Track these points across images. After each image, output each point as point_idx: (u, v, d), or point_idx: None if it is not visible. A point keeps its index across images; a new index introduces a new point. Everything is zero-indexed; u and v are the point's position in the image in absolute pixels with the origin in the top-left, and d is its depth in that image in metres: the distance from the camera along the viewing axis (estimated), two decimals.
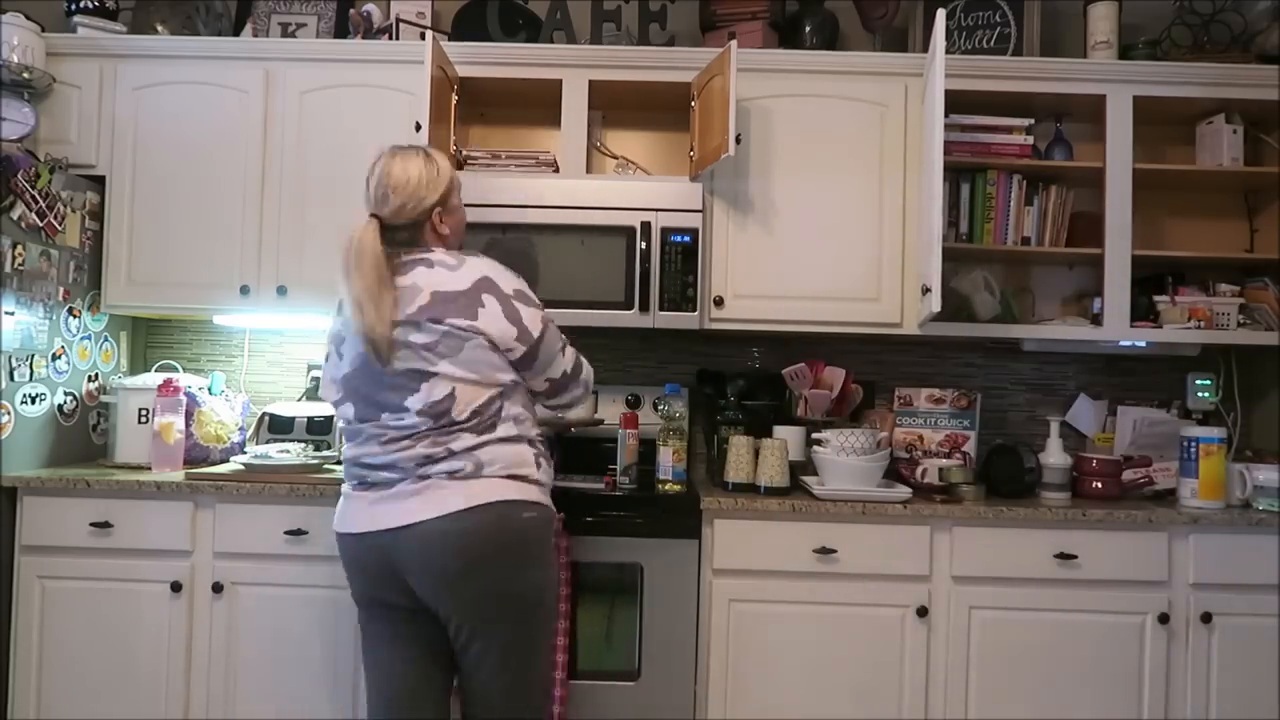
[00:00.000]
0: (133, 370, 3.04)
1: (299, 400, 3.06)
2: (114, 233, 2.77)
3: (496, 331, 1.84)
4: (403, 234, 1.92)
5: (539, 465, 1.89)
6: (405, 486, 1.80)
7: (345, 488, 1.91)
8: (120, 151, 2.77)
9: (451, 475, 1.79)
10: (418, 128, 2.50)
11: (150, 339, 3.15)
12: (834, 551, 2.42)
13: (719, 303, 2.71)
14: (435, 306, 1.82)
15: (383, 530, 1.80)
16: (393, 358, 1.81)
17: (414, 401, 1.80)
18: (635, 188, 2.66)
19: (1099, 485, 2.61)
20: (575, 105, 2.75)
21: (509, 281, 1.91)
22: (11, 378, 2.49)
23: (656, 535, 2.41)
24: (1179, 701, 2.41)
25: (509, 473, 1.83)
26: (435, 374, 1.80)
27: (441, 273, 1.86)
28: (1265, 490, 2.52)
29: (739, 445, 2.58)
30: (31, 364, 2.56)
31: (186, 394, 2.72)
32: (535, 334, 1.90)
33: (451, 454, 1.80)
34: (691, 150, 2.75)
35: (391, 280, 1.85)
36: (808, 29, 2.90)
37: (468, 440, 1.81)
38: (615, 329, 2.68)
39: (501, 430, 1.84)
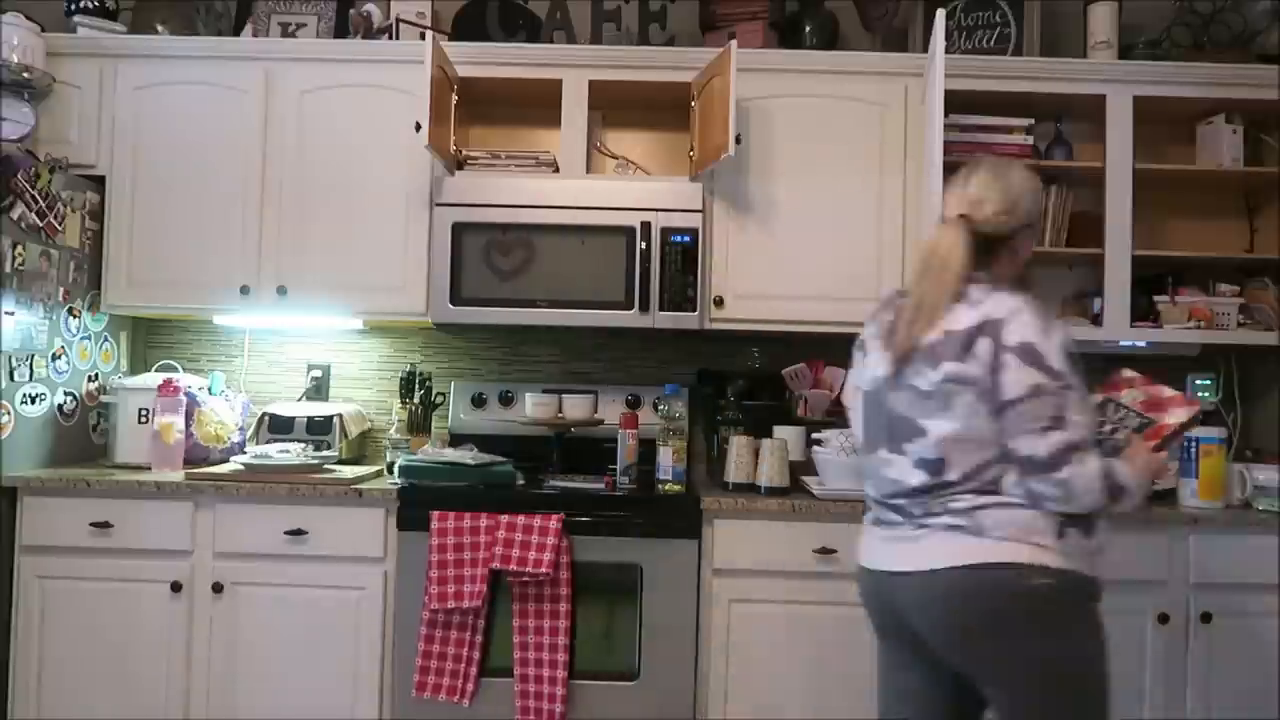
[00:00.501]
0: (133, 370, 3.04)
1: (299, 400, 3.07)
2: (114, 233, 2.77)
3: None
4: (994, 249, 1.70)
5: (1061, 535, 1.59)
6: (906, 530, 1.66)
7: (867, 517, 1.80)
8: (120, 151, 2.77)
9: (950, 527, 1.61)
10: (418, 128, 2.50)
11: (150, 339, 3.15)
12: (834, 551, 2.42)
13: (719, 303, 2.71)
14: (948, 347, 1.61)
15: (886, 572, 1.69)
16: (896, 389, 1.66)
17: (919, 450, 1.63)
18: (635, 188, 2.66)
19: None
20: (575, 105, 2.75)
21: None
22: (11, 378, 2.49)
23: (656, 535, 2.41)
24: (1180, 701, 2.41)
25: (1019, 538, 1.58)
26: (928, 432, 1.62)
27: (982, 307, 1.62)
28: (1265, 490, 2.52)
29: (739, 445, 2.58)
30: (31, 364, 2.56)
31: (186, 394, 2.72)
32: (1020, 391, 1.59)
33: (951, 511, 1.61)
34: (691, 150, 2.75)
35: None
36: (808, 29, 2.90)
37: (978, 500, 1.60)
38: (615, 329, 2.68)
39: (1005, 494, 1.61)
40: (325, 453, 2.75)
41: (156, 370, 2.90)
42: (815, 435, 2.58)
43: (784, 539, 2.43)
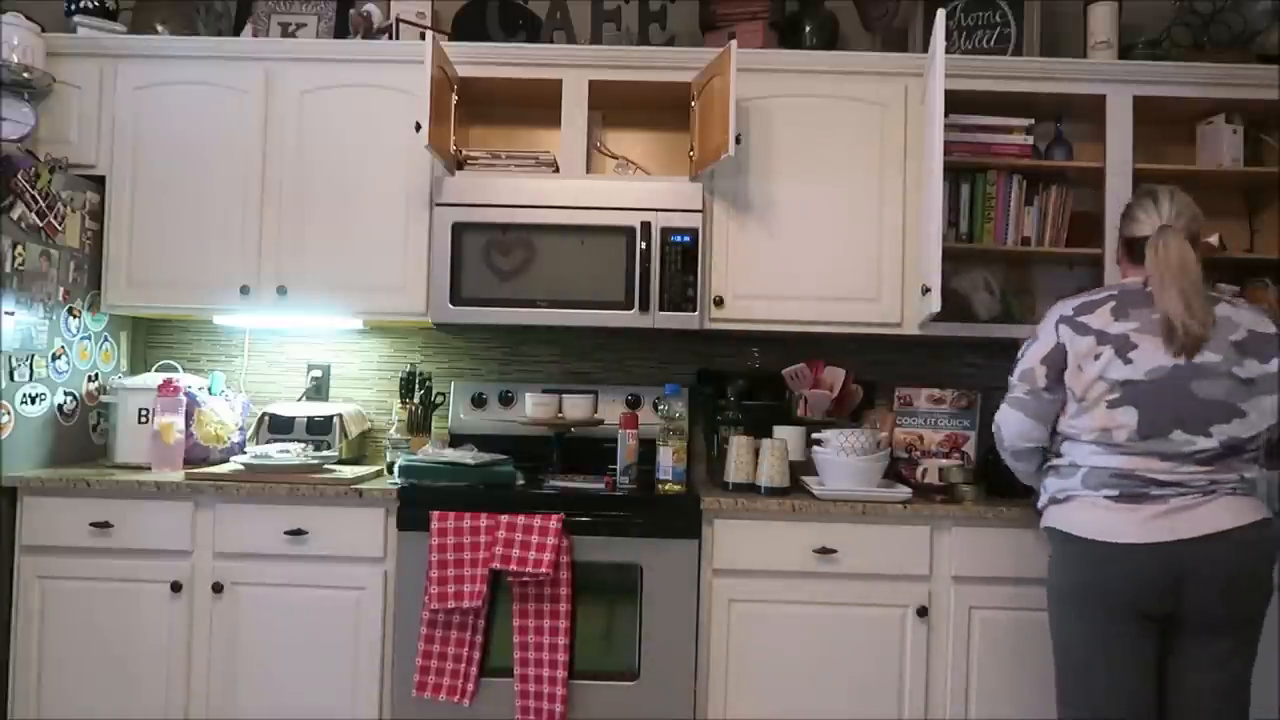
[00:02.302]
0: (133, 370, 3.04)
1: (299, 400, 3.07)
2: (114, 233, 2.77)
3: None
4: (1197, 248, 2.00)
5: None
6: (1189, 500, 1.90)
7: (1089, 497, 1.98)
8: (120, 151, 2.77)
9: (1234, 491, 1.92)
10: (418, 128, 2.50)
11: (150, 339, 3.15)
12: (834, 551, 2.42)
13: (719, 303, 2.71)
14: (1256, 345, 1.93)
15: (1168, 542, 1.89)
16: (1200, 378, 1.91)
17: (1223, 432, 1.90)
18: (635, 188, 2.66)
19: None
20: (575, 105, 2.75)
21: None
22: (11, 378, 2.49)
23: (656, 535, 2.41)
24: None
25: (1255, 495, 1.96)
26: (1247, 414, 1.91)
27: (1245, 312, 1.98)
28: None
29: (739, 445, 2.58)
30: (31, 364, 2.56)
31: (186, 394, 2.72)
32: None
33: (1242, 479, 1.93)
34: (691, 150, 2.75)
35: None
36: (808, 29, 2.90)
37: (1253, 470, 1.95)
38: (615, 329, 2.68)
39: (1258, 466, 1.98)
40: (325, 453, 2.75)
41: (156, 370, 2.90)
42: (815, 435, 2.58)
43: (784, 539, 2.43)
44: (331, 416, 2.87)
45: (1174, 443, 1.91)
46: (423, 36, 2.83)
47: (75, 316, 2.73)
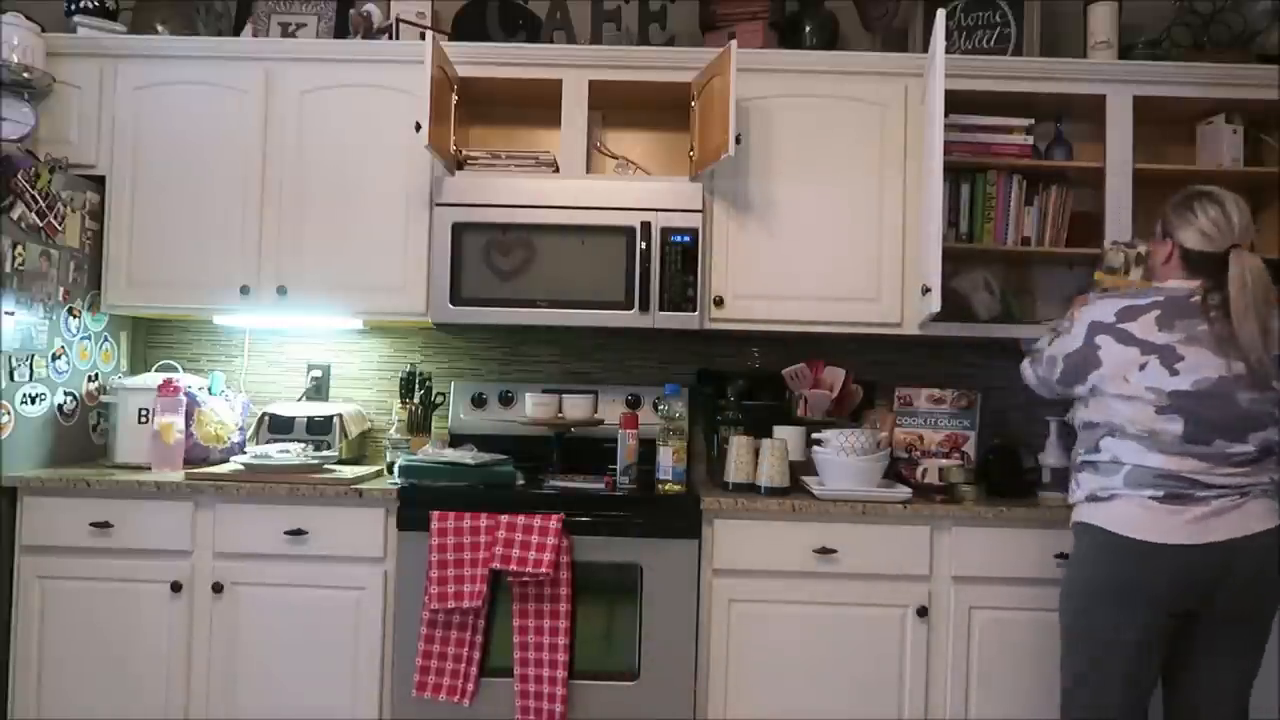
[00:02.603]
0: (133, 370, 3.05)
1: (299, 400, 3.07)
2: (114, 233, 2.77)
3: None
4: None
5: None
6: (1228, 502, 1.94)
7: (1133, 497, 1.99)
8: (120, 151, 2.77)
9: (1265, 493, 1.96)
10: (418, 128, 2.50)
11: (150, 339, 3.15)
12: (834, 551, 2.42)
13: (719, 303, 2.71)
14: None
15: (1213, 543, 1.92)
16: (1243, 389, 1.94)
17: (1259, 438, 1.95)
18: (635, 188, 2.66)
19: None
20: (575, 105, 2.75)
21: None
22: (11, 378, 2.49)
23: (656, 535, 2.41)
24: None
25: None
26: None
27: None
28: None
29: (739, 445, 2.58)
30: (31, 364, 2.56)
31: (186, 394, 2.72)
32: None
33: (1271, 481, 1.98)
34: (691, 150, 2.75)
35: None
36: (808, 29, 2.90)
37: (1276, 472, 1.99)
38: (615, 329, 2.68)
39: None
40: (325, 453, 2.75)
41: (156, 370, 2.90)
42: (815, 435, 2.58)
43: (784, 539, 2.43)
44: (331, 416, 2.87)
45: (1216, 447, 1.95)
46: (423, 36, 2.83)
47: (75, 316, 2.73)
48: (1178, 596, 1.96)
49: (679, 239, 2.63)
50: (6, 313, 2.45)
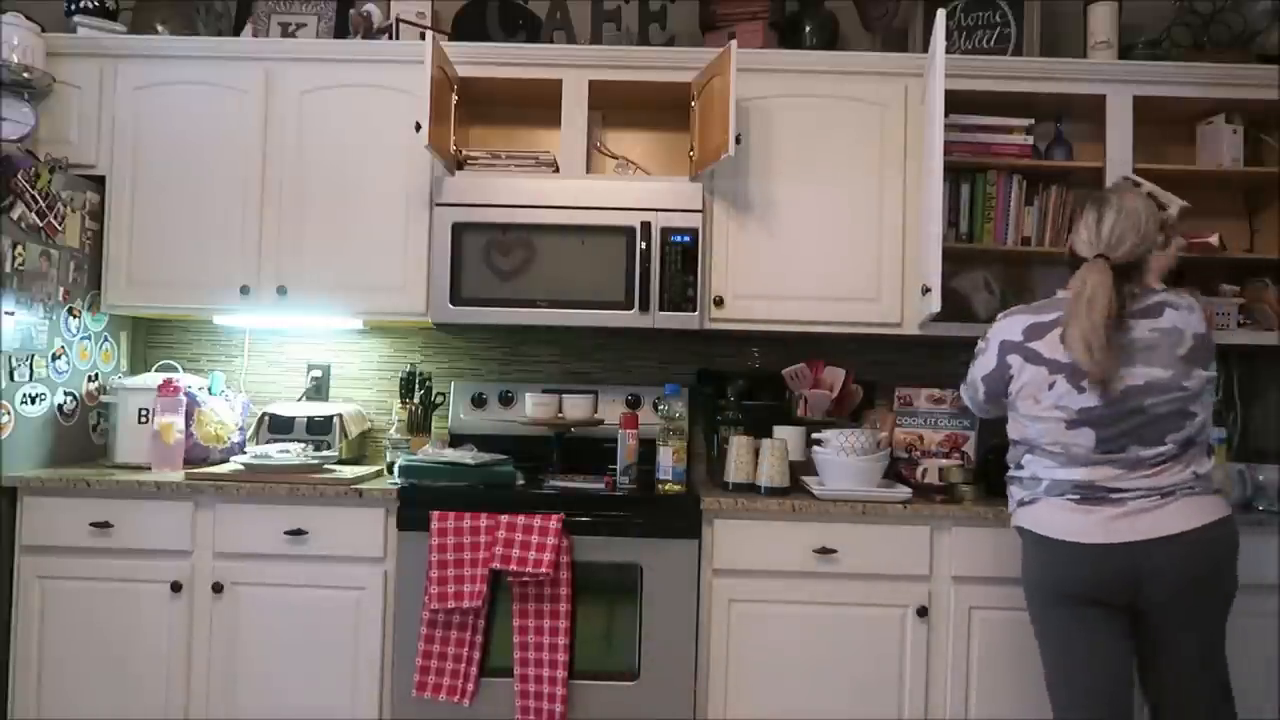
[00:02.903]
0: (133, 370, 3.04)
1: (299, 400, 3.07)
2: (114, 233, 2.77)
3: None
4: (1132, 274, 2.02)
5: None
6: (1146, 503, 1.95)
7: (1054, 499, 2.02)
8: (120, 151, 2.77)
9: (1192, 490, 1.96)
10: (418, 128, 2.50)
11: (150, 339, 3.15)
12: (834, 551, 2.42)
13: (719, 303, 2.71)
14: (1200, 354, 1.97)
15: (1135, 541, 1.93)
16: (1152, 395, 1.93)
17: (1175, 438, 1.95)
18: (635, 188, 2.66)
19: None
20: (575, 105, 2.75)
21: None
22: (11, 378, 2.49)
23: (656, 535, 2.41)
24: None
25: (1216, 492, 2.00)
26: (1197, 415, 1.96)
27: (1187, 314, 1.99)
28: (1265, 490, 2.51)
29: (739, 445, 2.58)
30: (31, 364, 2.56)
31: (186, 394, 2.72)
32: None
33: (1196, 477, 1.97)
34: (691, 150, 2.75)
35: (1123, 324, 1.96)
36: (808, 29, 2.90)
37: (1206, 465, 1.99)
38: (615, 329, 2.68)
39: (1209, 457, 2.02)
40: (325, 453, 2.75)
41: (156, 370, 2.90)
42: (815, 435, 2.58)
43: (784, 539, 2.43)
44: (331, 416, 2.87)
45: (1130, 454, 1.96)
46: (423, 36, 2.83)
47: (75, 316, 2.73)
48: (1098, 591, 1.97)
49: (679, 239, 2.63)
50: (6, 313, 2.45)
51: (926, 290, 2.51)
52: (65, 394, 2.70)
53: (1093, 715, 1.99)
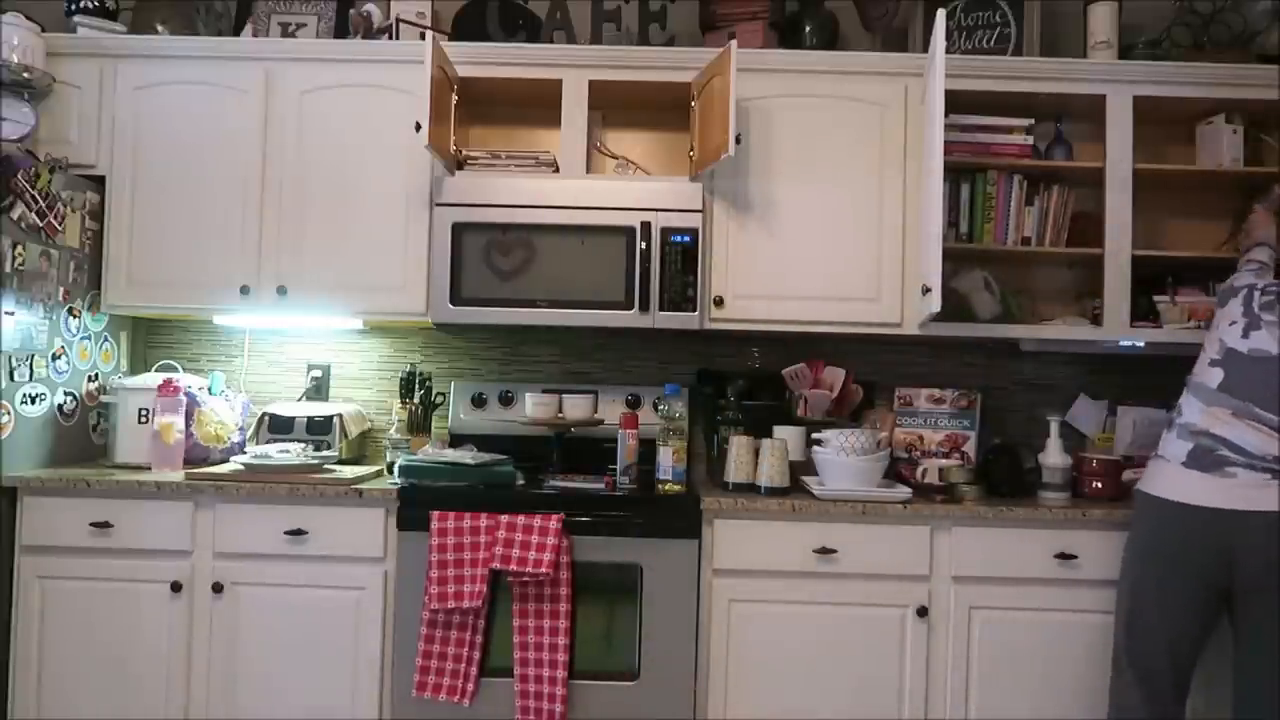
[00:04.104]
0: (133, 370, 3.04)
1: (299, 400, 3.07)
2: (114, 233, 2.77)
3: None
4: None
5: None
6: (1257, 477, 2.11)
7: (1178, 457, 2.21)
8: (120, 151, 2.77)
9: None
10: (418, 128, 2.50)
11: (150, 339, 3.15)
12: (834, 551, 2.42)
13: (719, 303, 2.71)
14: None
15: (1236, 511, 2.10)
16: None
17: None
18: (635, 188, 2.66)
19: (1099, 485, 2.61)
20: (575, 105, 2.75)
21: None
22: (11, 378, 2.49)
23: (656, 535, 2.41)
24: None
25: None
26: None
27: None
28: None
29: (739, 445, 2.58)
30: (31, 364, 2.56)
31: (186, 394, 2.72)
32: None
33: None
34: (691, 150, 2.75)
35: None
36: (808, 29, 2.90)
37: None
38: (615, 329, 2.68)
39: None
40: (325, 453, 2.75)
41: (156, 370, 2.90)
42: (815, 435, 2.58)
43: (784, 539, 2.43)
44: (331, 416, 2.87)
45: (1259, 417, 2.12)
46: (423, 36, 2.83)
47: (75, 316, 2.73)
48: (1197, 555, 2.13)
49: (679, 239, 2.63)
50: (6, 313, 2.45)
51: (926, 290, 2.51)
52: (65, 394, 2.70)
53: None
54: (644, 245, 2.63)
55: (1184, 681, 2.21)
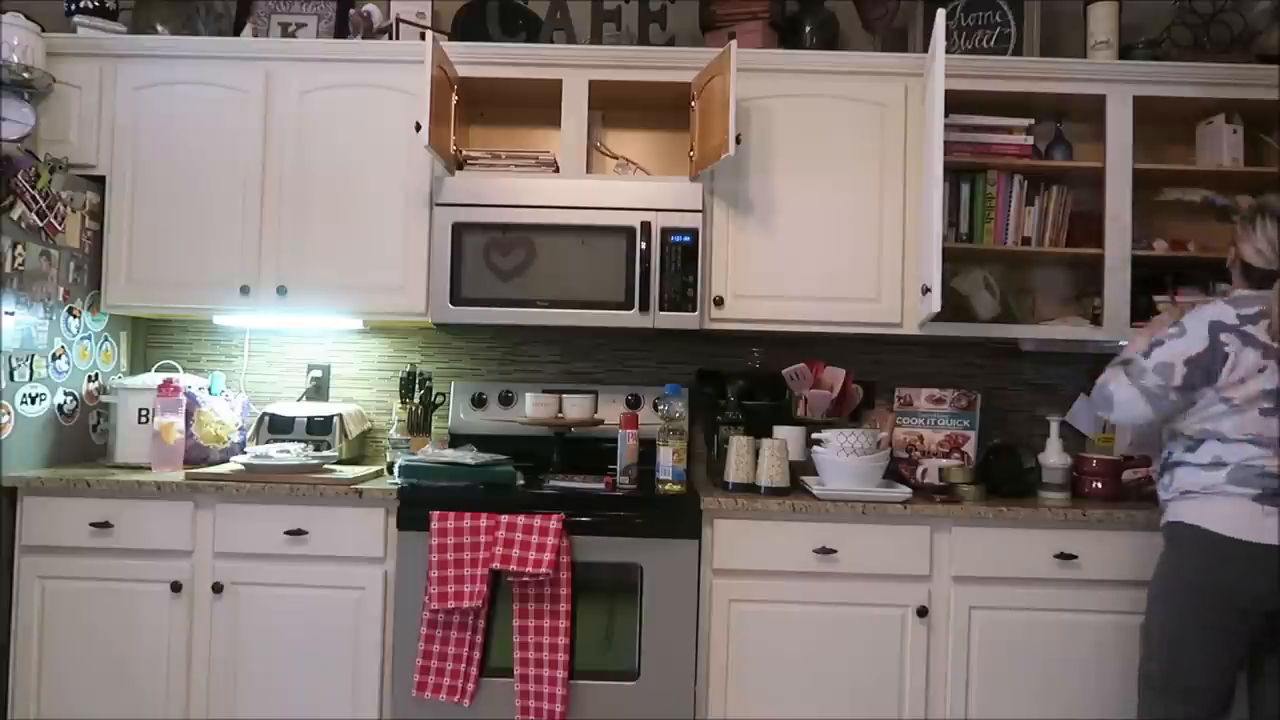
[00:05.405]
0: (133, 370, 3.04)
1: (299, 400, 3.07)
2: (114, 233, 2.77)
3: None
4: None
5: None
6: None
7: (1233, 490, 2.04)
8: (120, 151, 2.77)
9: None
10: (418, 128, 2.50)
11: (150, 339, 3.15)
12: (834, 551, 2.42)
13: (719, 303, 2.71)
14: None
15: None
16: None
17: None
18: (635, 188, 2.66)
19: (1099, 485, 2.61)
20: (575, 105, 2.75)
21: None
22: (11, 378, 2.49)
23: (656, 535, 2.41)
24: None
25: None
26: None
27: None
28: None
29: (739, 445, 2.58)
30: (31, 364, 2.56)
31: (186, 394, 2.72)
32: None
33: None
34: (691, 150, 2.75)
35: None
36: (808, 29, 2.90)
37: None
38: (615, 329, 2.68)
39: None
40: (325, 453, 2.75)
41: (156, 370, 2.90)
42: (815, 435, 2.58)
43: (784, 539, 2.43)
44: (331, 416, 2.87)
45: None
46: (423, 36, 2.83)
47: (75, 316, 2.73)
48: (1248, 591, 2.01)
49: (679, 239, 2.63)
50: (6, 313, 2.45)
51: (926, 290, 2.51)
52: (65, 394, 2.70)
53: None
54: (644, 245, 2.63)
55: (1228, 699, 2.12)
